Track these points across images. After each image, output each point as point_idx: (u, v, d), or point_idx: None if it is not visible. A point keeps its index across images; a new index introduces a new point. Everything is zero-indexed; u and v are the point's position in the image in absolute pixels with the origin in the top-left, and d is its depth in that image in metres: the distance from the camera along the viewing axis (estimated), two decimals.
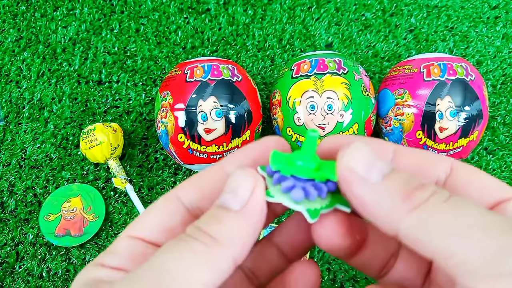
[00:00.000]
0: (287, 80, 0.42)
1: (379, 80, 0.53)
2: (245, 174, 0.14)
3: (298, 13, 0.56)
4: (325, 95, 0.40)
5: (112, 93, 0.52)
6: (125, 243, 0.15)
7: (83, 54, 0.54)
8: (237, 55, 0.54)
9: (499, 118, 0.51)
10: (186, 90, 0.40)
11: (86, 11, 0.55)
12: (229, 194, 0.14)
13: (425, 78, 0.41)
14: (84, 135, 0.45)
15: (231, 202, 0.14)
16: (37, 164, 0.49)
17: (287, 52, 0.54)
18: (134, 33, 0.55)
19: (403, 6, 0.56)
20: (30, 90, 0.52)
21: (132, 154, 0.49)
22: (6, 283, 0.44)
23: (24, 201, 0.47)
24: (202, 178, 0.16)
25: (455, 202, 0.12)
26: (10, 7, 0.56)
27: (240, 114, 0.41)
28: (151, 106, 0.51)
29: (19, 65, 0.53)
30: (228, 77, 0.41)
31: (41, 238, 0.45)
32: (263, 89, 0.52)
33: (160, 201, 0.16)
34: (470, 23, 0.55)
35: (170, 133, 0.41)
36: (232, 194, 0.14)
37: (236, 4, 0.56)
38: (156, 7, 0.56)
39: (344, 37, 0.55)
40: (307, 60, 0.42)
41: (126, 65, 0.53)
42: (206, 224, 0.14)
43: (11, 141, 0.50)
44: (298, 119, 0.41)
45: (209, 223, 0.14)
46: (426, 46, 0.54)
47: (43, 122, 0.51)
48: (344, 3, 0.56)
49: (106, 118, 0.51)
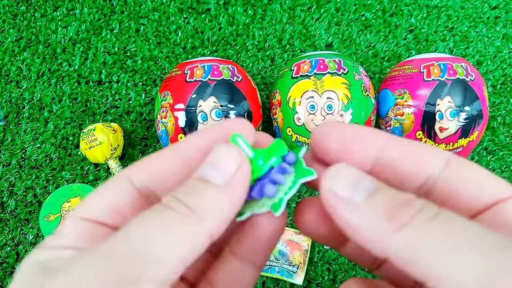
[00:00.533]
0: (287, 80, 0.42)
1: (379, 80, 0.53)
2: (230, 149, 0.14)
3: (298, 13, 0.56)
4: (325, 95, 0.40)
5: (112, 93, 0.52)
6: (72, 224, 0.14)
7: (83, 54, 0.54)
8: (237, 55, 0.54)
9: (499, 118, 0.51)
10: (186, 90, 0.40)
11: (86, 11, 0.55)
12: (210, 167, 0.14)
13: (425, 78, 0.41)
14: (84, 135, 0.45)
15: (212, 175, 0.13)
16: (37, 164, 0.49)
17: (287, 52, 0.54)
18: (134, 33, 0.55)
19: (403, 6, 0.56)
20: (30, 90, 0.52)
21: (132, 154, 0.49)
22: (6, 283, 0.44)
23: (24, 201, 0.47)
24: (155, 159, 0.15)
25: (444, 219, 0.12)
26: (10, 7, 0.56)
27: (240, 114, 0.41)
28: (151, 106, 0.51)
29: (19, 65, 0.53)
30: (228, 77, 0.41)
31: (41, 238, 0.45)
32: (263, 89, 0.52)
33: (110, 182, 0.15)
34: (470, 23, 0.55)
35: (170, 133, 0.41)
36: (213, 167, 0.14)
37: (236, 4, 0.56)
38: (156, 7, 0.56)
39: (344, 37, 0.55)
40: (307, 60, 0.42)
41: (126, 65, 0.53)
42: (185, 195, 0.13)
43: (11, 141, 0.50)
44: (298, 119, 0.41)
45: (188, 193, 0.13)
46: (426, 46, 0.54)
47: (43, 122, 0.51)
48: (344, 3, 0.56)
49: (106, 118, 0.51)
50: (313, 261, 0.46)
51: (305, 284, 0.45)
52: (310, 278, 0.45)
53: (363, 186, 0.13)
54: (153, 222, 0.12)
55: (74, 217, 0.14)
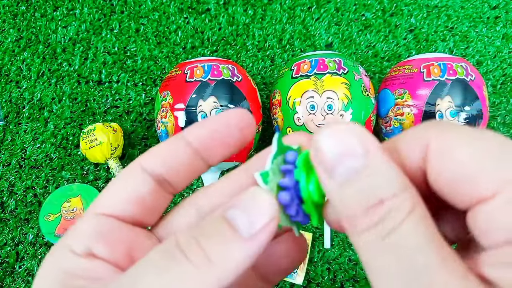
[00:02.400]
0: (287, 80, 0.42)
1: (379, 80, 0.53)
2: (264, 199, 0.13)
3: (298, 13, 0.56)
4: (325, 95, 0.40)
5: (112, 93, 0.52)
6: (93, 221, 0.14)
7: (83, 54, 0.54)
8: (237, 55, 0.54)
9: (499, 118, 0.51)
10: (186, 90, 0.40)
11: (86, 11, 0.55)
12: (240, 212, 0.13)
13: (425, 78, 0.41)
14: (84, 135, 0.45)
15: (240, 224, 0.13)
16: (37, 164, 0.49)
17: (287, 52, 0.54)
18: (134, 33, 0.55)
19: (403, 6, 0.56)
20: (30, 90, 0.52)
21: (132, 154, 0.49)
22: (6, 283, 0.44)
23: (24, 201, 0.47)
24: (163, 148, 0.15)
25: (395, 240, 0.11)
26: (10, 7, 0.56)
27: None
28: (151, 106, 0.51)
29: (19, 65, 0.53)
30: (228, 77, 0.41)
31: (41, 238, 0.45)
32: (263, 89, 0.52)
33: (124, 173, 0.15)
34: (470, 23, 0.55)
35: (170, 133, 0.41)
36: (244, 214, 0.13)
37: (236, 4, 0.56)
38: (156, 7, 0.56)
39: (344, 37, 0.55)
40: (307, 60, 0.42)
41: (126, 65, 0.53)
42: (205, 238, 0.12)
43: (11, 141, 0.50)
44: (298, 119, 0.41)
45: (209, 236, 0.12)
46: (426, 46, 0.54)
47: (43, 122, 0.51)
48: (344, 3, 0.56)
49: (106, 118, 0.51)
50: (313, 261, 0.46)
51: (305, 284, 0.45)
52: (310, 278, 0.45)
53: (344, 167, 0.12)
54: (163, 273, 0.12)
55: (94, 214, 0.14)
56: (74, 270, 0.13)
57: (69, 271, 0.13)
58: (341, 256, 0.46)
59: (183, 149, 0.15)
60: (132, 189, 0.14)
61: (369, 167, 0.12)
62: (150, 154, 0.15)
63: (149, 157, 0.15)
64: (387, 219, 0.11)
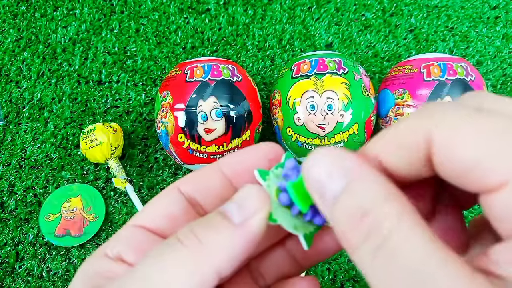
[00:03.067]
0: (287, 80, 0.42)
1: (379, 80, 0.53)
2: (257, 191, 0.14)
3: (298, 13, 0.56)
4: (325, 95, 0.40)
5: (112, 93, 0.52)
6: (128, 231, 0.16)
7: (83, 54, 0.54)
8: (237, 55, 0.54)
9: None
10: (186, 90, 0.40)
11: (86, 11, 0.55)
12: (234, 204, 0.14)
13: (425, 78, 0.41)
14: (84, 135, 0.45)
15: (233, 213, 0.14)
16: (37, 164, 0.49)
17: (287, 52, 0.54)
18: (134, 33, 0.55)
19: (403, 6, 0.56)
20: (30, 90, 0.52)
21: (132, 154, 0.49)
22: (6, 283, 0.44)
23: (24, 201, 0.47)
24: (199, 174, 0.17)
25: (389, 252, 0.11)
26: (10, 7, 0.56)
27: (240, 114, 0.41)
28: (151, 106, 0.51)
29: (19, 65, 0.53)
30: (228, 77, 0.41)
31: (41, 238, 0.45)
32: (263, 89, 0.52)
33: (163, 193, 0.17)
34: (470, 23, 0.55)
35: (170, 133, 0.41)
36: (237, 205, 0.14)
37: (236, 4, 0.56)
38: (156, 7, 0.56)
39: (344, 37, 0.55)
40: (307, 60, 0.42)
41: (126, 65, 0.53)
42: (200, 227, 0.14)
43: (11, 141, 0.50)
44: (298, 119, 0.41)
45: (203, 226, 0.14)
46: (426, 46, 0.54)
47: (43, 122, 0.51)
48: (344, 3, 0.56)
49: (106, 118, 0.51)
50: None
51: None
52: None
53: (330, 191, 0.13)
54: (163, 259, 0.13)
55: (132, 225, 0.16)
56: (103, 270, 0.15)
57: (99, 271, 0.15)
58: (341, 256, 0.46)
59: (217, 176, 0.17)
60: (167, 207, 0.16)
61: (350, 185, 0.12)
62: (188, 179, 0.17)
63: (187, 181, 0.17)
64: (376, 228, 0.11)
